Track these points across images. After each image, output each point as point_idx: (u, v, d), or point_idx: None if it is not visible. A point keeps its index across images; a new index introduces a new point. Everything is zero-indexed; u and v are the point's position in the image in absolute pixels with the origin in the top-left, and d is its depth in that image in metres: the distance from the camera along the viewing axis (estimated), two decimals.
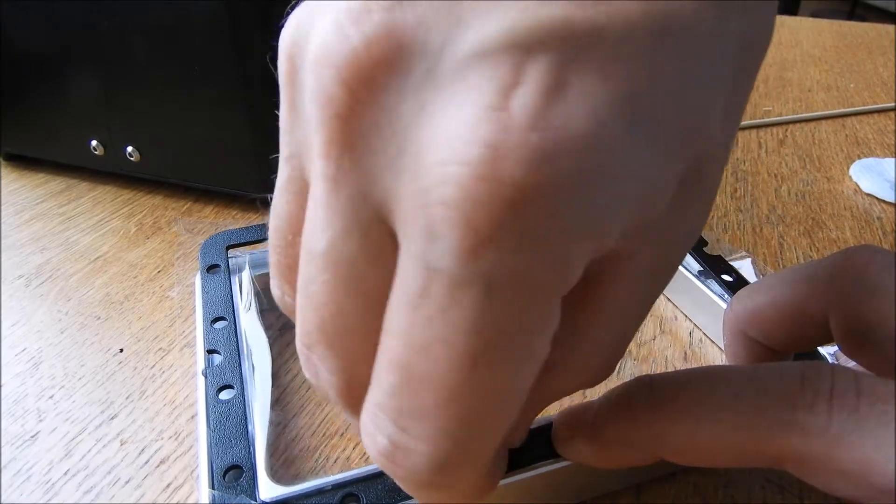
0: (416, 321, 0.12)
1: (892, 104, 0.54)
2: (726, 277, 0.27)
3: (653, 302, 0.15)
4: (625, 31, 0.11)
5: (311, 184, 0.13)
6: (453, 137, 0.10)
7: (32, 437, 0.23)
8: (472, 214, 0.10)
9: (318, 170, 0.12)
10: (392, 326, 0.12)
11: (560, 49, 0.10)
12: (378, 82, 0.11)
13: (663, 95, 0.11)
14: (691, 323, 0.29)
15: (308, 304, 0.13)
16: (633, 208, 0.12)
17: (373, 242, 0.12)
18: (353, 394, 0.14)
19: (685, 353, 0.27)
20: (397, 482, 0.14)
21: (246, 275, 0.27)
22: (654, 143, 0.11)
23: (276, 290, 0.16)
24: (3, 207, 0.38)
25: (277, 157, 0.15)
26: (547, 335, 0.12)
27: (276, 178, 0.15)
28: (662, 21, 0.11)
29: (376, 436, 0.13)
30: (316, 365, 0.14)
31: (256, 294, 0.28)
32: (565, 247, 0.11)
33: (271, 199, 0.16)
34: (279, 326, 0.29)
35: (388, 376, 0.12)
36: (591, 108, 0.10)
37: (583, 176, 0.10)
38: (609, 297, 0.14)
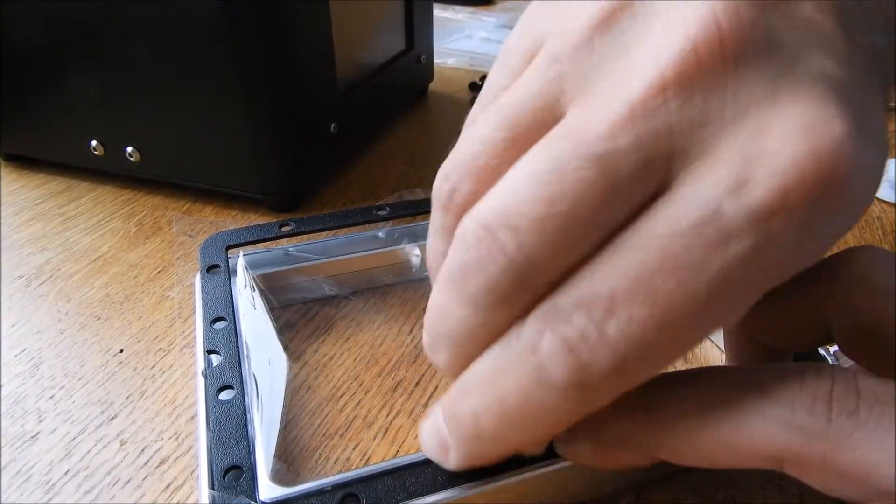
0: (676, 246, 0.13)
1: (893, 104, 0.54)
2: None
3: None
4: None
5: None
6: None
7: (32, 437, 0.23)
8: (791, 183, 0.12)
9: None
10: (642, 241, 0.13)
11: None
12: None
13: None
14: None
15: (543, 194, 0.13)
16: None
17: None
18: (527, 278, 0.14)
19: (685, 354, 0.27)
20: (541, 379, 0.14)
21: (240, 270, 0.27)
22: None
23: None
24: (3, 207, 0.38)
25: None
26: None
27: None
28: None
29: (559, 326, 0.13)
30: (503, 240, 0.14)
31: (262, 293, 0.28)
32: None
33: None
34: (278, 327, 0.29)
35: (614, 281, 0.13)
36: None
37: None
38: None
